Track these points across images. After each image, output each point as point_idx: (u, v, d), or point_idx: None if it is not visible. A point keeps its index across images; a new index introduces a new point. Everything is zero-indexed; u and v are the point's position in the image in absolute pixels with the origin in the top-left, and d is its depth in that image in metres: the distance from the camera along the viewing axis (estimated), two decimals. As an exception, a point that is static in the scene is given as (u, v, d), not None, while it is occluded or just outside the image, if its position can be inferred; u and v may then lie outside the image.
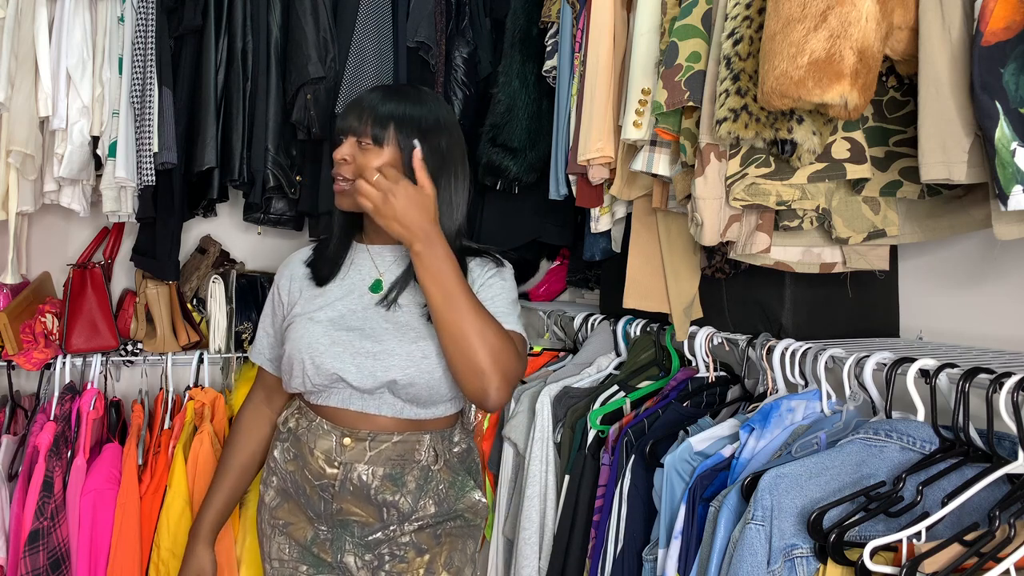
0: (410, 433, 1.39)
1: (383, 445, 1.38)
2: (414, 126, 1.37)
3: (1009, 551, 0.87)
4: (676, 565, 1.18)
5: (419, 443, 1.39)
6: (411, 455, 1.39)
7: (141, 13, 1.86)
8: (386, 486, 1.37)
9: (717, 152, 1.25)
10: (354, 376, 1.36)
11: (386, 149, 1.36)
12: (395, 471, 1.38)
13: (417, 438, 1.39)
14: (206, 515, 1.54)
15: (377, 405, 1.38)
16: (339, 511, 1.38)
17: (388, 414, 1.38)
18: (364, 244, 1.48)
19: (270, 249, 2.45)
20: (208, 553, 1.53)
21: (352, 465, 1.37)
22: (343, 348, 1.36)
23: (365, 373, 1.35)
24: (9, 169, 1.82)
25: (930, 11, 1.02)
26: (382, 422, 1.39)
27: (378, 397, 1.38)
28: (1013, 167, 0.92)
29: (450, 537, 1.43)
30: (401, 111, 1.37)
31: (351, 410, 1.39)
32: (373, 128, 1.36)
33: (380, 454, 1.38)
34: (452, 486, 1.42)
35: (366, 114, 1.37)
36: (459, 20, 2.11)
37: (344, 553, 1.40)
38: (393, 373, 1.34)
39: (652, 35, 1.41)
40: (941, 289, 1.44)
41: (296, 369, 1.40)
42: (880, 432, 1.05)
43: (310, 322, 1.40)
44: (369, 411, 1.38)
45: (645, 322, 1.68)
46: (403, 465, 1.38)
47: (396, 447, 1.38)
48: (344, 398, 1.39)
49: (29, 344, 1.97)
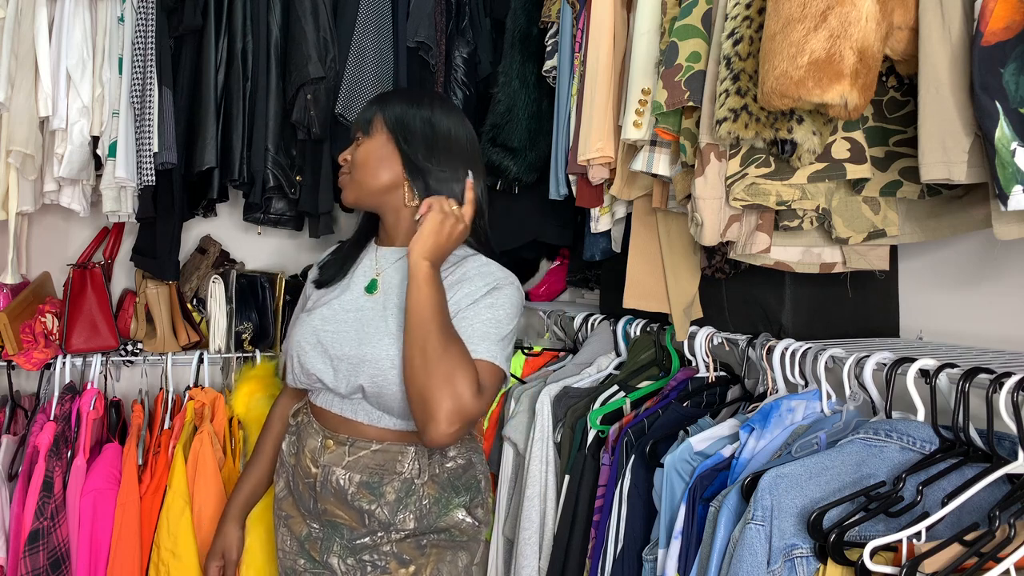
0: (391, 443, 1.35)
1: (361, 452, 1.35)
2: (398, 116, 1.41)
3: (1009, 551, 0.87)
4: (676, 565, 1.18)
5: (402, 455, 1.34)
6: (392, 466, 1.34)
7: (141, 13, 1.86)
8: (362, 494, 1.34)
9: (717, 152, 1.25)
10: (330, 379, 1.36)
11: (374, 137, 1.41)
12: (373, 480, 1.34)
13: (400, 449, 1.35)
14: (237, 496, 1.59)
15: (354, 410, 1.36)
16: (324, 511, 1.37)
17: (365, 421, 1.35)
18: (376, 245, 1.49)
19: (270, 249, 2.45)
20: (235, 531, 1.57)
21: (331, 468, 1.35)
22: (323, 350, 1.37)
23: (340, 377, 1.35)
24: (9, 169, 1.82)
25: (930, 11, 1.02)
26: (363, 429, 1.36)
27: (355, 402, 1.36)
28: (1013, 167, 0.92)
29: (436, 549, 1.36)
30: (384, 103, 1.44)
31: (332, 412, 1.39)
32: (363, 124, 1.43)
33: (358, 460, 1.34)
34: (436, 503, 1.35)
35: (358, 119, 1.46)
36: (459, 20, 2.11)
37: (330, 554, 1.38)
38: (362, 379, 1.32)
39: (652, 35, 1.41)
40: (941, 289, 1.44)
41: (289, 365, 1.43)
42: (880, 432, 1.05)
43: (307, 319, 1.42)
44: (347, 415, 1.37)
45: (645, 322, 1.68)
46: (381, 475, 1.34)
47: (375, 456, 1.35)
48: (327, 400, 1.39)
49: (29, 344, 1.97)
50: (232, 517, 1.58)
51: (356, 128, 1.46)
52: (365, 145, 1.41)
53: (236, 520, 1.58)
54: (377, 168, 1.39)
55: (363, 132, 1.43)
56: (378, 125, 1.41)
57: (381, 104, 1.44)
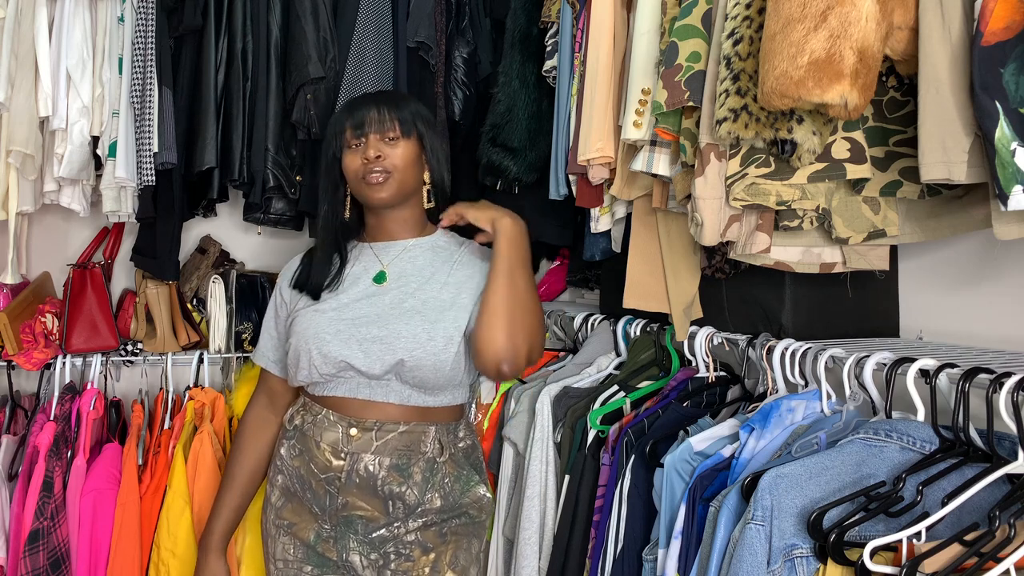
0: (416, 423, 1.42)
1: (389, 435, 1.40)
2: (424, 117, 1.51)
3: (1009, 551, 0.87)
4: (676, 565, 1.18)
5: (425, 434, 1.42)
6: (417, 446, 1.41)
7: (141, 13, 1.86)
8: (392, 477, 1.39)
9: (717, 152, 1.25)
10: (362, 361, 1.38)
11: (412, 139, 1.47)
12: (401, 461, 1.40)
13: (423, 429, 1.42)
14: (215, 525, 1.54)
15: (384, 392, 1.41)
16: (344, 505, 1.39)
17: (395, 401, 1.41)
18: (366, 243, 1.50)
19: (270, 249, 2.45)
20: (220, 563, 1.53)
21: (359, 456, 1.39)
22: (349, 335, 1.39)
23: (373, 358, 1.38)
24: (9, 169, 1.82)
25: (930, 11, 1.02)
26: (389, 410, 1.41)
27: (385, 384, 1.41)
28: (1013, 167, 0.92)
29: (455, 536, 1.45)
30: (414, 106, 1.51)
31: (358, 399, 1.41)
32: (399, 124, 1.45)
33: (387, 444, 1.40)
34: (457, 480, 1.44)
35: (384, 111, 1.45)
36: (459, 20, 2.11)
37: (349, 552, 1.40)
38: (400, 354, 1.37)
39: (652, 35, 1.41)
40: (941, 289, 1.44)
41: (303, 360, 1.42)
42: (880, 432, 1.05)
43: (316, 313, 1.42)
44: (376, 399, 1.41)
45: (645, 322, 1.68)
46: (409, 456, 1.40)
47: (402, 437, 1.40)
48: (351, 387, 1.42)
49: (29, 344, 1.97)
50: (214, 548, 1.53)
51: (392, 124, 1.44)
52: (406, 147, 1.45)
53: (218, 551, 1.54)
54: (416, 171, 1.48)
55: (403, 133, 1.45)
56: (413, 128, 1.47)
57: (412, 108, 1.49)
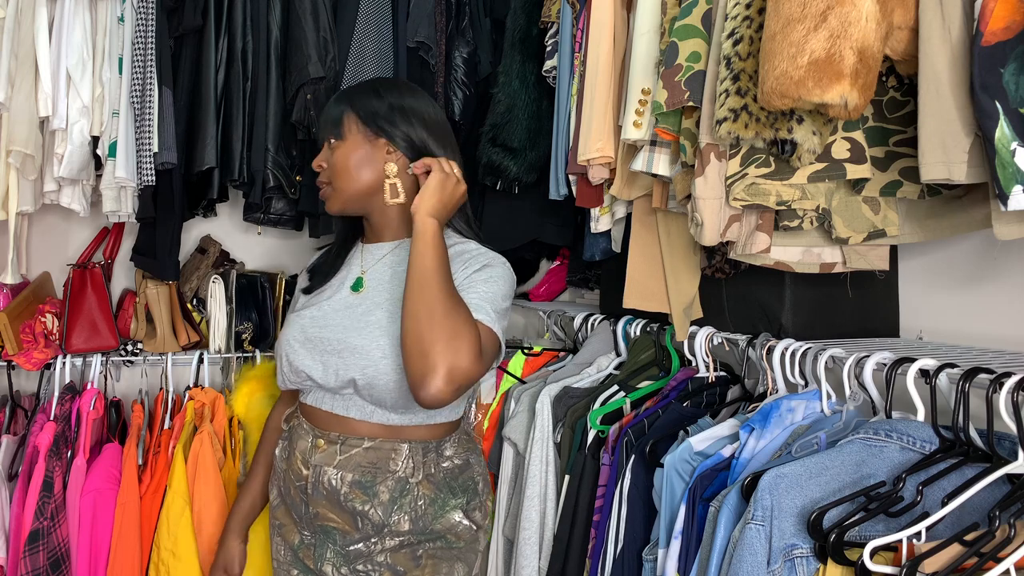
0: (384, 440, 1.32)
1: (353, 450, 1.32)
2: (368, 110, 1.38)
3: (1009, 551, 0.87)
4: (676, 565, 1.18)
5: (395, 452, 1.32)
6: (385, 464, 1.32)
7: (141, 13, 1.86)
8: (355, 493, 1.31)
9: (717, 152, 1.25)
10: (319, 374, 1.35)
11: (348, 138, 1.37)
12: (365, 479, 1.31)
13: (393, 446, 1.32)
14: (237, 510, 1.59)
15: (345, 406, 1.34)
16: (316, 515, 1.35)
17: (356, 416, 1.33)
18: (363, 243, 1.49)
19: (270, 249, 2.45)
20: (237, 545, 1.57)
21: (322, 468, 1.33)
22: (313, 346, 1.36)
23: (329, 371, 1.33)
24: (9, 169, 1.82)
25: (930, 11, 1.02)
26: (354, 425, 1.34)
27: (346, 398, 1.34)
28: (1013, 167, 0.92)
29: (432, 559, 1.33)
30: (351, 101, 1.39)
31: (323, 410, 1.37)
32: (332, 126, 1.39)
33: (350, 459, 1.32)
34: (432, 503, 1.32)
35: (328, 112, 1.41)
36: (459, 20, 2.11)
37: (324, 562, 1.35)
38: (352, 372, 1.30)
39: (652, 35, 1.41)
40: (941, 289, 1.44)
41: (278, 365, 1.44)
42: (880, 432, 1.05)
43: (297, 318, 1.42)
44: (338, 412, 1.35)
45: (645, 322, 1.68)
46: (375, 473, 1.31)
47: (368, 453, 1.32)
48: (317, 397, 1.38)
49: (29, 344, 1.97)
50: (233, 531, 1.58)
51: (325, 133, 1.40)
52: (340, 149, 1.37)
53: (238, 534, 1.58)
54: (358, 170, 1.36)
55: (334, 136, 1.38)
56: (350, 125, 1.37)
57: (348, 103, 1.39)
